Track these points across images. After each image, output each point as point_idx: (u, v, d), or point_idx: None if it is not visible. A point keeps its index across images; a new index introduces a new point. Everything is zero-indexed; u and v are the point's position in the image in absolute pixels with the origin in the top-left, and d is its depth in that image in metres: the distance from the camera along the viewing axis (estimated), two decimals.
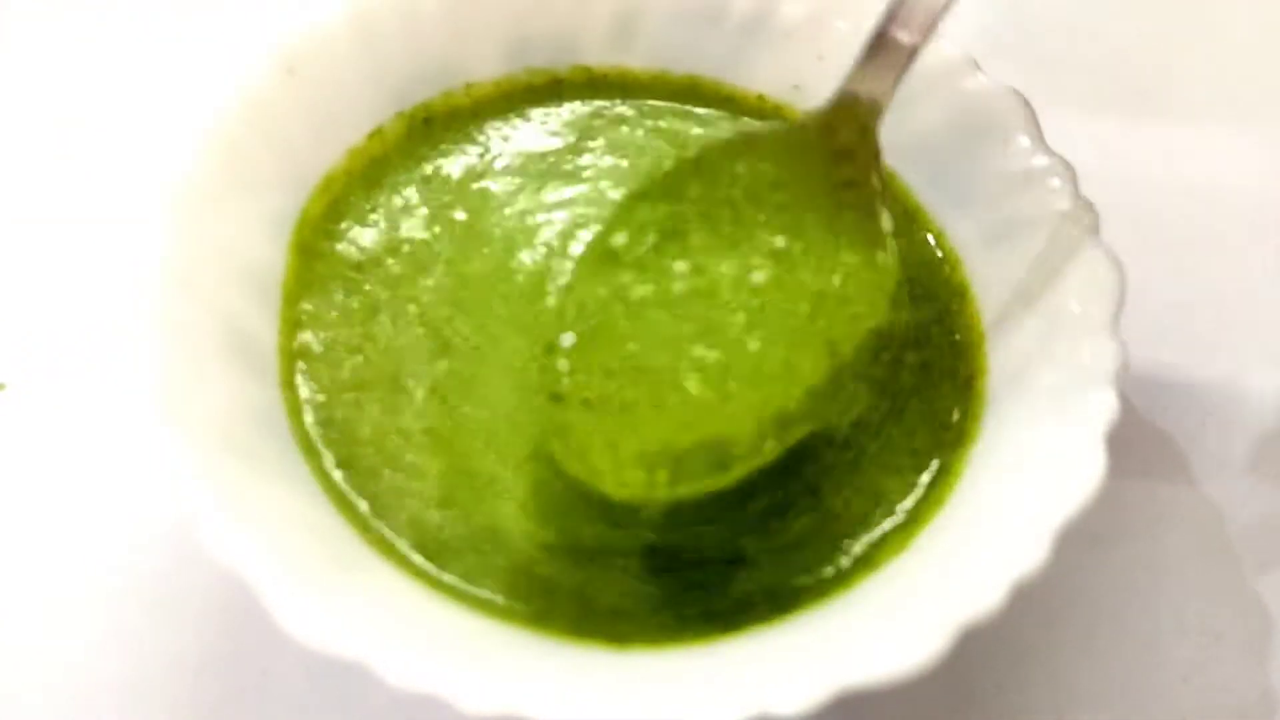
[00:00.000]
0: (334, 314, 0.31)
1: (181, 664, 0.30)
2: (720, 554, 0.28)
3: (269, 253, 0.31)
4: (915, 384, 0.31)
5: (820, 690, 0.23)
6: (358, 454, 0.29)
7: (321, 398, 0.30)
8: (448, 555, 0.28)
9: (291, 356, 0.30)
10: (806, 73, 0.35)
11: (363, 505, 0.28)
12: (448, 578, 0.27)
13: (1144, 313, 0.31)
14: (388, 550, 0.28)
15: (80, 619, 0.31)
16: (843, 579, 0.28)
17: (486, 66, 0.35)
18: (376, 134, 0.34)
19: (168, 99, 0.38)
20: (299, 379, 0.30)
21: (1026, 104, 0.32)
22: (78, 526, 0.32)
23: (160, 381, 0.26)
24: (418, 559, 0.28)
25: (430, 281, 0.32)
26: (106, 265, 0.36)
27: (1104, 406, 0.27)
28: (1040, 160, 0.32)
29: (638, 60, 0.36)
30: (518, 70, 0.35)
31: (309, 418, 0.29)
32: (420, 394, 0.30)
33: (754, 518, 0.29)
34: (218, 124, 0.30)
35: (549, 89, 0.36)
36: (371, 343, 0.30)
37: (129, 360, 0.26)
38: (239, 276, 0.30)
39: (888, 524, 0.29)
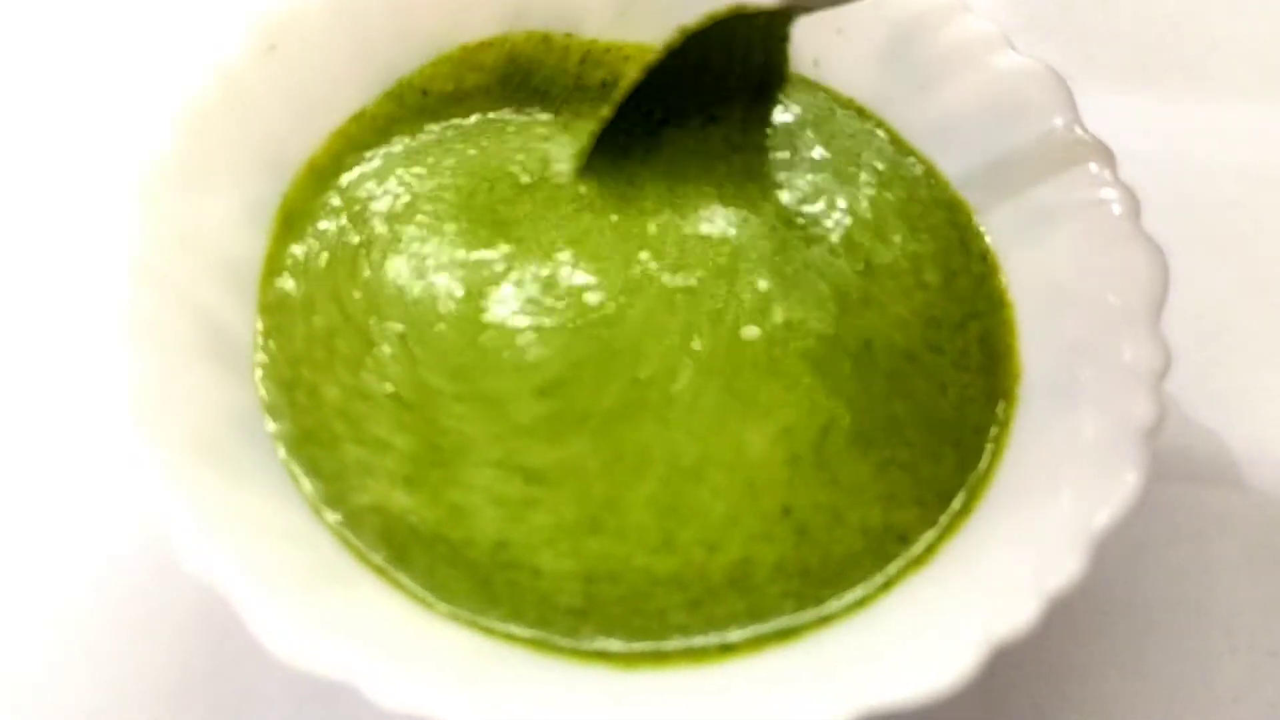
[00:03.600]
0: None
1: (157, 686, 0.30)
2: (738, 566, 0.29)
3: (246, 243, 0.31)
4: (945, 381, 0.31)
5: (844, 711, 0.23)
6: (317, 423, 0.29)
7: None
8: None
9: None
10: (825, 47, 0.35)
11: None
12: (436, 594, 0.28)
13: (1188, 305, 0.31)
14: (372, 562, 0.28)
15: (47, 638, 0.31)
16: (868, 593, 0.28)
17: (480, 37, 0.35)
18: (361, 115, 0.34)
19: (137, 77, 0.39)
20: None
21: (1062, 82, 0.33)
22: (44, 540, 0.32)
23: (130, 383, 0.26)
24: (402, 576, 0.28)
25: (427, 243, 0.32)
26: (70, 257, 0.36)
27: (1145, 406, 0.27)
28: (1076, 142, 0.32)
29: (643, 36, 0.36)
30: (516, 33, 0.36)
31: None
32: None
33: (775, 527, 0.29)
34: (191, 104, 0.30)
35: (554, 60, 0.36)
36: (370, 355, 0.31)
37: (96, 360, 0.27)
38: (214, 269, 0.30)
39: (915, 533, 0.29)
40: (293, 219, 0.32)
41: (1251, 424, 0.35)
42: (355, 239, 0.32)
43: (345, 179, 0.33)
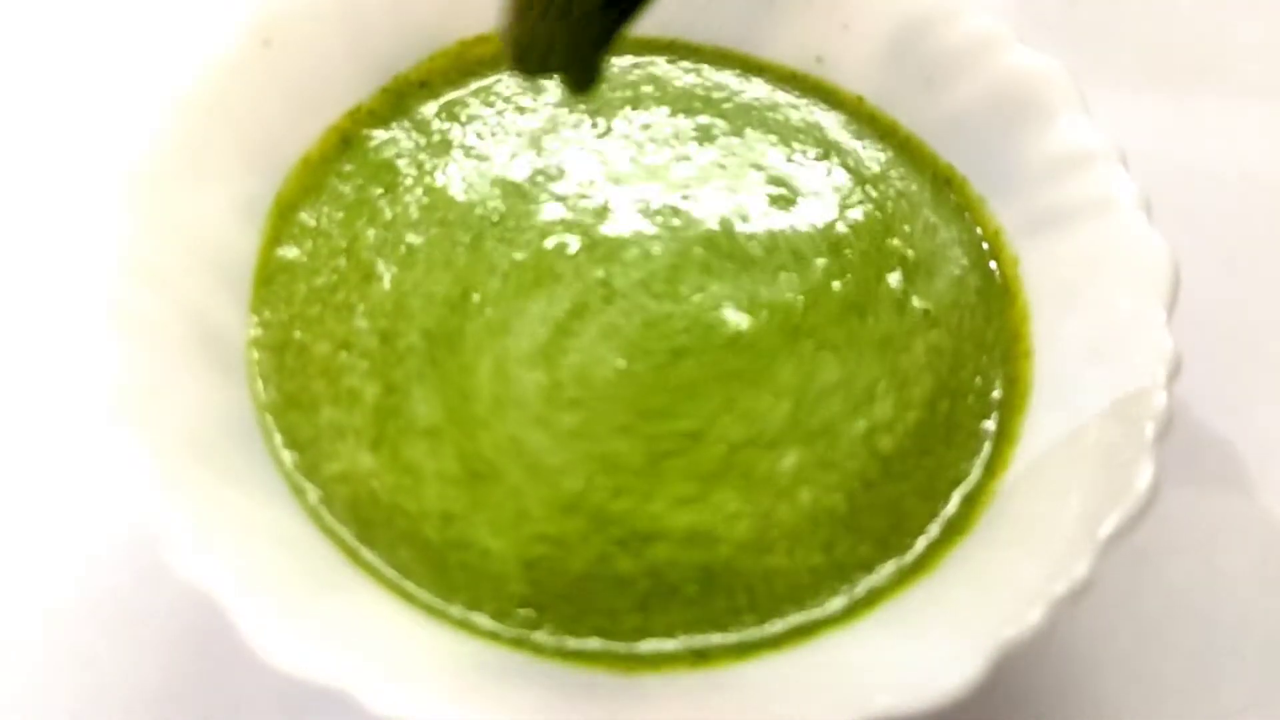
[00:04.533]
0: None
1: (141, 692, 0.30)
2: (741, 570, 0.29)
3: (240, 240, 0.31)
4: (951, 387, 0.31)
5: (848, 717, 0.23)
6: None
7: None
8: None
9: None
10: (831, 43, 0.36)
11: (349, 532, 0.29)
12: (430, 598, 0.28)
13: (1199, 308, 0.31)
14: (370, 567, 0.28)
15: (27, 642, 0.31)
16: (870, 598, 0.28)
17: (479, 32, 0.36)
18: (357, 111, 0.34)
19: (130, 71, 0.39)
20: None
21: (1072, 80, 0.33)
22: (25, 539, 0.32)
23: (119, 381, 0.26)
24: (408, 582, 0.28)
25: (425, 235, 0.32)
26: (59, 253, 0.36)
27: (1155, 409, 0.27)
28: (1086, 142, 0.32)
29: (645, 27, 0.36)
30: None
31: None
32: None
33: (778, 532, 0.29)
34: (185, 98, 0.30)
35: None
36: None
37: (84, 358, 0.27)
38: (206, 266, 0.30)
39: (918, 538, 0.29)
40: (287, 215, 0.32)
41: (1263, 429, 0.35)
42: (368, 198, 0.33)
43: (346, 166, 0.33)
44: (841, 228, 0.33)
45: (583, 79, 0.28)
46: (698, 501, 0.29)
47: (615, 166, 0.34)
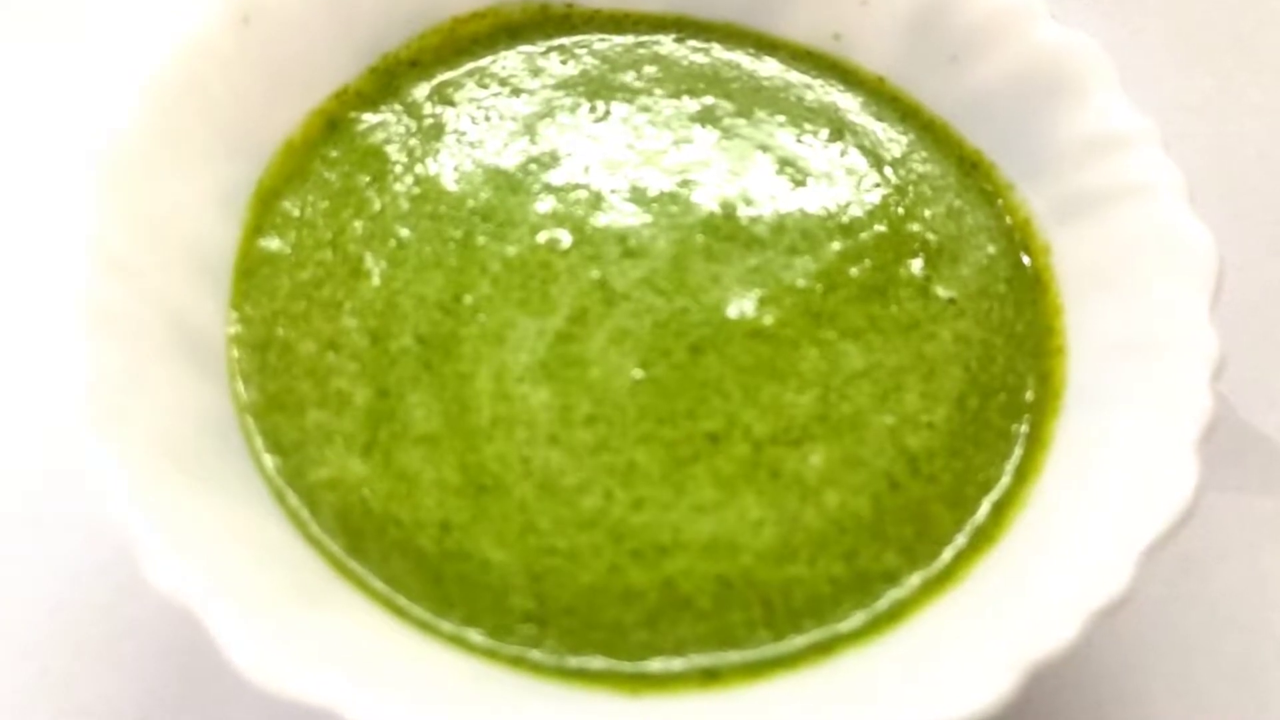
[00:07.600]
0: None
1: (121, 713, 0.30)
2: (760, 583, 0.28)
3: (218, 231, 0.31)
4: (980, 383, 0.31)
5: None
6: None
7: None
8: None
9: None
10: (848, 20, 0.35)
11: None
12: (422, 612, 0.28)
13: (1243, 298, 0.31)
14: (358, 580, 0.28)
15: (0, 662, 0.31)
16: (894, 610, 0.28)
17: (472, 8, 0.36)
18: (344, 92, 0.34)
19: (101, 50, 0.39)
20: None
21: (1105, 56, 0.32)
22: None
23: (90, 382, 0.26)
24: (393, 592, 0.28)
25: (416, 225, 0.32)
26: (26, 246, 0.36)
27: (1197, 408, 0.27)
28: (1122, 122, 0.32)
29: (652, 4, 0.36)
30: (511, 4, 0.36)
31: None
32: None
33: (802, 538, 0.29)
34: (159, 80, 0.30)
35: (555, 23, 0.36)
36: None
37: (54, 358, 0.26)
38: (183, 259, 0.30)
39: (946, 547, 0.29)
40: (269, 203, 0.32)
41: None
42: (355, 187, 0.33)
43: (332, 152, 0.33)
44: (855, 210, 0.33)
45: None
46: (721, 508, 0.28)
47: (612, 153, 0.33)
